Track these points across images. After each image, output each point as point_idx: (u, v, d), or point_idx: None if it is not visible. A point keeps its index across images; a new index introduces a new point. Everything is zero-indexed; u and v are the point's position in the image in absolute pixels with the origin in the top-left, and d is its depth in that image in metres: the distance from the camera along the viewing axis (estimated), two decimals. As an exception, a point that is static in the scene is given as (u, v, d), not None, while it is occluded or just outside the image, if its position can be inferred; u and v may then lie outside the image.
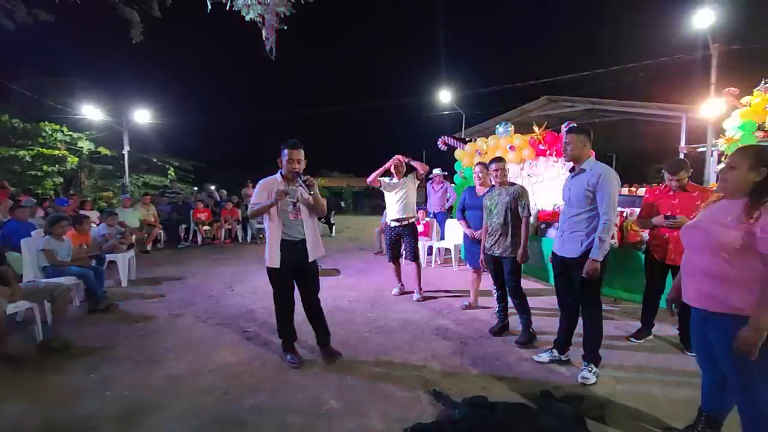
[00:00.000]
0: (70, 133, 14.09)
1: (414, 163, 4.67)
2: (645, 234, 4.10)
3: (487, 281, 4.36)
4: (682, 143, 10.82)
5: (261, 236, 9.60)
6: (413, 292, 4.81)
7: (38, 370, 2.94)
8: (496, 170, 3.52)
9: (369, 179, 4.75)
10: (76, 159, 14.30)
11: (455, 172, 7.82)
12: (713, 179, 9.15)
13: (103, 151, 15.24)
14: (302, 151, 2.94)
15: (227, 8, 4.21)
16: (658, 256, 3.34)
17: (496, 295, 3.72)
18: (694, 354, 3.07)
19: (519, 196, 3.44)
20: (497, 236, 3.49)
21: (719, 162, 9.43)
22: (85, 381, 2.78)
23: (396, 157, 4.65)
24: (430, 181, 7.94)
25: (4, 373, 2.89)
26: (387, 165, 4.66)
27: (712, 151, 9.50)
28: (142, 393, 2.61)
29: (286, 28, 4.35)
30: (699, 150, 10.68)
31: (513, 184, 3.58)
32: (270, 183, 2.97)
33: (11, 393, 2.60)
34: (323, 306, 3.19)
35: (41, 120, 13.45)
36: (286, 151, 2.90)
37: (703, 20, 9.51)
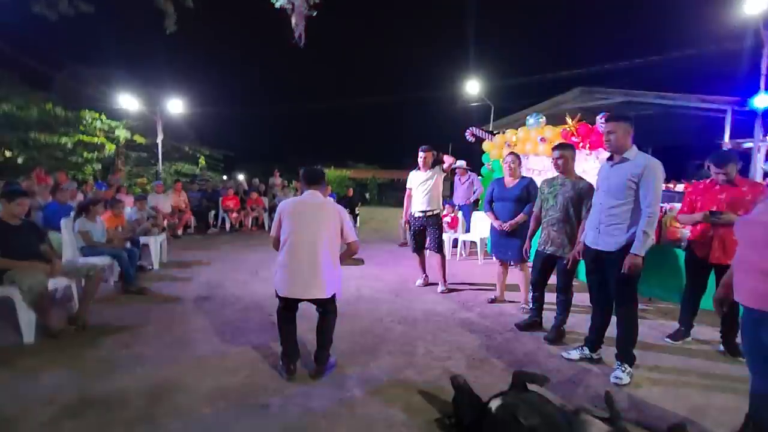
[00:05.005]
0: (108, 121, 14.64)
1: (443, 157, 4.62)
2: (686, 231, 3.89)
3: (514, 275, 4.26)
4: (726, 138, 10.21)
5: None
6: (437, 283, 4.76)
7: (75, 344, 3.07)
8: (560, 158, 3.26)
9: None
10: (114, 147, 14.86)
11: (483, 164, 7.67)
12: (759, 176, 8.61)
13: (138, 139, 15.76)
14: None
15: (258, -5, 4.22)
16: (700, 255, 3.14)
17: (532, 294, 3.58)
18: (738, 359, 2.91)
19: (586, 196, 3.13)
20: (551, 231, 3.27)
21: (767, 158, 8.89)
22: (119, 357, 2.87)
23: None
24: (456, 174, 7.81)
25: (44, 346, 3.03)
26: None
27: (759, 146, 8.93)
28: (170, 371, 2.67)
29: (315, 14, 4.32)
30: (744, 146, 10.05)
31: (581, 178, 3.30)
32: None
33: (50, 365, 2.72)
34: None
35: (81, 108, 14.02)
36: None
37: (754, 6, 8.89)
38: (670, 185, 9.45)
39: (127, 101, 14.71)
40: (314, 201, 2.70)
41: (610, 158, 2.69)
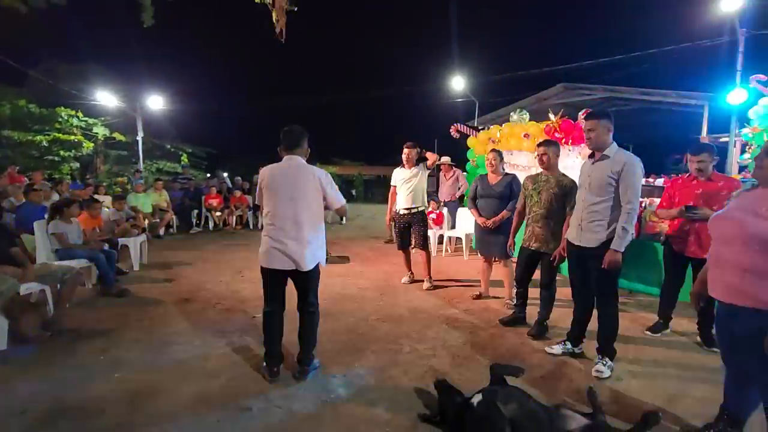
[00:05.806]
0: (86, 118, 14.22)
1: (427, 154, 4.60)
2: (664, 225, 3.96)
3: (498, 271, 4.29)
4: (704, 133, 10.45)
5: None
6: (423, 280, 4.76)
7: (49, 350, 2.97)
8: (544, 154, 3.26)
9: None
10: (92, 144, 14.44)
11: (467, 161, 7.69)
12: (735, 170, 8.84)
13: (118, 137, 15.35)
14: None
15: (238, -11, 4.13)
16: (677, 249, 3.21)
17: (516, 290, 3.60)
18: (713, 350, 2.98)
19: (570, 192, 3.14)
20: (535, 228, 3.28)
21: (742, 152, 9.14)
22: (95, 363, 2.79)
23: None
24: (441, 170, 7.81)
25: (17, 353, 2.92)
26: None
27: (735, 141, 9.16)
28: (150, 376, 2.62)
29: (296, 9, 4.25)
30: (721, 140, 10.31)
31: (564, 174, 3.32)
32: None
33: (22, 373, 2.63)
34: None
35: (57, 105, 13.57)
36: None
37: (730, 4, 9.09)
38: (650, 179, 9.64)
39: (105, 98, 14.32)
40: (292, 166, 2.58)
41: (591, 155, 2.72)
